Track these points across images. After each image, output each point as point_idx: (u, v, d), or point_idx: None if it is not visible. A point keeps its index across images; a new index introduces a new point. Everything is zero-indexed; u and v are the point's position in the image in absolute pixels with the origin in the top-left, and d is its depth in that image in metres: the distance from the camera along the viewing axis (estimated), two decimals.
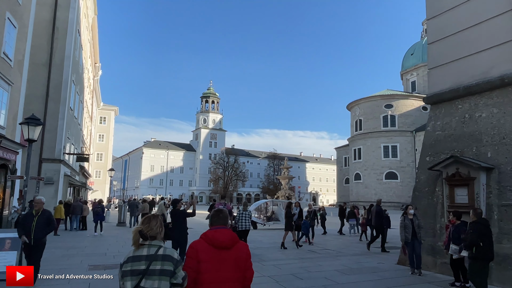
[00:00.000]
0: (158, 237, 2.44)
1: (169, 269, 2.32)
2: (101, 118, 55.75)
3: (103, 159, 55.23)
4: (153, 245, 2.39)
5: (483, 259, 5.16)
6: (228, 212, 9.68)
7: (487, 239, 5.19)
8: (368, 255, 9.80)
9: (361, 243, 12.86)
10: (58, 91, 18.63)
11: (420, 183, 8.07)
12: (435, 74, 8.29)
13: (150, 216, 2.55)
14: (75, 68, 21.23)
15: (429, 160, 7.98)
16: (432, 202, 7.69)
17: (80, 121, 25.63)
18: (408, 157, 62.26)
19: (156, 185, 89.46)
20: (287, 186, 48.25)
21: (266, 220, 18.99)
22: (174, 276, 2.33)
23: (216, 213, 2.71)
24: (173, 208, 7.10)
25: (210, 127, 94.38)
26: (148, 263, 2.31)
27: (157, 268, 2.30)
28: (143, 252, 2.36)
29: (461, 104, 7.67)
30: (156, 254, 2.35)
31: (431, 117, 8.36)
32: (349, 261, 8.80)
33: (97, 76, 40.43)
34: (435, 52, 8.33)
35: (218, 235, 2.51)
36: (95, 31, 30.96)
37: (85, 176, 34.66)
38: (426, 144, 8.25)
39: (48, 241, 12.01)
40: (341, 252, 10.42)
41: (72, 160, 22.36)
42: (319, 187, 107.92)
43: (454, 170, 7.05)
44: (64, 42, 19.11)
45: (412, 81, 75.36)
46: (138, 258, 2.34)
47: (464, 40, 7.62)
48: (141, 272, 2.28)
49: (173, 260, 2.36)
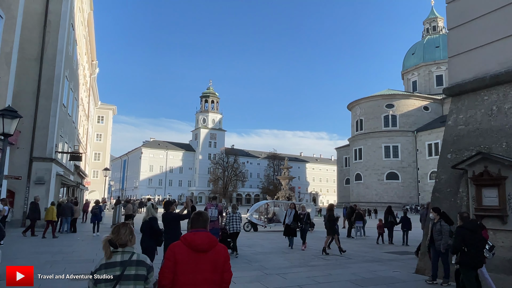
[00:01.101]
0: (128, 244, 2.48)
1: (143, 274, 2.40)
2: (99, 117, 54.86)
3: (101, 158, 54.24)
4: (126, 252, 2.45)
5: (468, 265, 5.02)
6: (218, 212, 8.81)
7: (472, 244, 4.99)
8: (381, 262, 8.99)
9: (371, 247, 12.05)
10: (50, 87, 17.81)
11: (441, 183, 7.28)
12: (456, 62, 7.50)
13: (119, 224, 2.56)
14: (69, 63, 20.42)
15: (451, 157, 7.18)
16: (455, 204, 6.90)
17: (74, 119, 24.81)
18: (409, 157, 61.56)
19: (155, 185, 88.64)
20: (287, 187, 47.51)
21: (267, 222, 18.19)
22: (147, 281, 2.41)
23: (196, 216, 2.73)
24: (165, 212, 6.31)
25: (209, 127, 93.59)
26: (123, 268, 2.36)
27: (132, 273, 2.37)
28: (116, 258, 2.40)
29: (488, 95, 6.89)
30: (131, 260, 2.41)
31: (452, 110, 7.57)
32: (361, 269, 7.99)
33: (94, 74, 39.60)
34: (456, 38, 7.54)
35: (196, 238, 2.54)
36: (91, 27, 30.13)
37: (81, 176, 33.82)
38: (447, 140, 7.45)
39: (36, 246, 11.30)
40: (351, 258, 9.60)
41: (65, 159, 21.54)
42: (319, 188, 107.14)
43: (482, 169, 6.26)
44: (56, 36, 18.28)
45: (413, 80, 74.68)
46: (112, 265, 2.37)
47: (491, 24, 6.84)
48: (116, 277, 2.33)
49: (146, 265, 2.44)
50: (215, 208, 9.44)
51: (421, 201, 59.30)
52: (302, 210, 11.91)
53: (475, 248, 4.99)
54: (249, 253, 10.21)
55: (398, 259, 9.49)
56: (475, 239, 5.05)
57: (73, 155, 18.97)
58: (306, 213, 11.78)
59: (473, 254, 4.96)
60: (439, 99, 64.65)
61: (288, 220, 11.67)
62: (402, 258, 9.77)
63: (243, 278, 7.04)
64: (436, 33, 73.95)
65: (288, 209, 12.11)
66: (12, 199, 16.98)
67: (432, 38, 73.07)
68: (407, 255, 10.39)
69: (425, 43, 73.33)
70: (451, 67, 7.66)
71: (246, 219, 18.69)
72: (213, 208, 9.35)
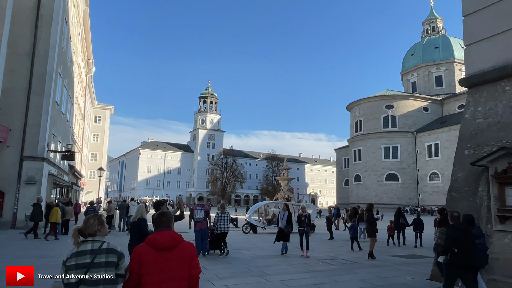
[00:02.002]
0: (98, 234, 2.56)
1: (114, 261, 2.46)
2: (96, 117, 54.20)
3: (98, 159, 53.51)
4: (96, 241, 2.52)
5: (457, 265, 4.92)
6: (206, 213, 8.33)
7: (462, 245, 4.87)
8: (390, 267, 8.37)
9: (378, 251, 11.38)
10: (41, 83, 17.17)
11: (458, 182, 6.69)
12: (473, 51, 6.94)
13: (89, 216, 2.65)
14: (62, 59, 19.79)
15: (469, 153, 6.61)
16: (474, 204, 6.32)
17: (69, 117, 24.16)
18: (409, 158, 61.11)
19: (153, 186, 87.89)
20: (286, 188, 46.98)
21: (266, 223, 17.57)
22: (118, 267, 2.47)
23: (158, 216, 2.80)
24: (156, 212, 5.67)
25: (208, 128, 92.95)
26: (93, 256, 2.43)
27: (102, 261, 2.43)
28: (87, 247, 2.47)
29: (509, 85, 6.32)
30: (101, 248, 2.48)
31: (469, 102, 7.00)
32: (370, 275, 7.39)
33: (91, 73, 38.96)
34: (473, 25, 6.98)
35: (159, 237, 2.59)
36: (87, 24, 29.53)
37: (76, 177, 33.14)
38: (464, 135, 6.88)
39: (22, 249, 10.64)
40: (357, 262, 8.98)
41: (59, 158, 20.90)
42: (318, 189, 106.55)
43: (506, 165, 5.69)
44: (49, 31, 17.66)
45: (413, 81, 74.31)
46: (82, 253, 2.44)
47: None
48: (86, 265, 2.40)
49: (116, 252, 2.50)
50: (201, 208, 9.43)
51: (421, 202, 58.78)
52: (302, 211, 10.47)
53: (466, 248, 4.88)
54: (249, 257, 9.61)
55: (408, 264, 8.88)
56: (466, 239, 4.93)
57: (66, 154, 18.30)
58: (307, 215, 10.37)
59: (464, 254, 4.85)
60: (439, 100, 64.28)
61: (281, 224, 10.38)
62: (412, 262, 9.15)
63: (243, 285, 6.46)
64: (435, 34, 73.65)
65: (281, 211, 10.76)
66: (1, 199, 16.36)
67: (432, 39, 72.77)
68: (417, 258, 9.80)
69: (424, 44, 73.01)
70: (467, 56, 7.10)
71: (245, 221, 18.07)
72: (200, 208, 9.40)
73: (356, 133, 68.39)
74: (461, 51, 70.17)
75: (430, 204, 55.18)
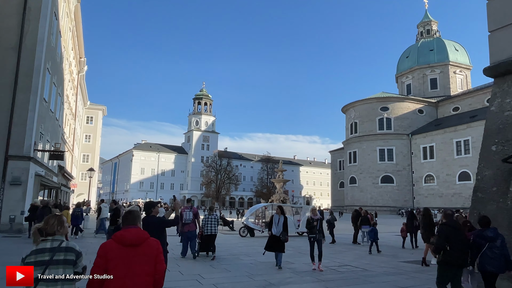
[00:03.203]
0: (57, 234, 2.66)
1: (72, 259, 2.59)
2: (88, 117, 52.99)
3: (90, 160, 52.26)
4: (56, 240, 2.63)
5: (448, 263, 4.83)
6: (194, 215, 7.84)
7: (455, 242, 4.81)
8: (406, 275, 7.67)
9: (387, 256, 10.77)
10: (28, 79, 16.28)
11: (484, 181, 6.07)
12: (499, 37, 6.34)
13: (50, 216, 2.76)
14: (51, 55, 18.92)
15: (497, 149, 5.99)
16: (503, 206, 5.69)
17: (58, 116, 23.21)
18: (404, 160, 60.89)
19: (147, 188, 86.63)
20: (281, 190, 46.40)
21: (264, 226, 16.83)
22: (76, 265, 2.60)
23: (126, 214, 2.94)
24: (146, 215, 4.82)
25: (202, 129, 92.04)
26: (52, 254, 2.54)
27: (61, 258, 2.55)
28: (46, 245, 2.59)
29: None
30: (60, 247, 2.60)
31: (495, 93, 6.39)
32: (386, 284, 6.70)
33: (83, 72, 37.93)
34: (498, 9, 6.39)
35: (127, 234, 2.67)
36: (79, 21, 28.61)
37: (66, 178, 32.07)
38: (491, 129, 6.26)
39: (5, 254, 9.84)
40: (368, 270, 8.26)
41: (47, 158, 19.95)
42: (313, 191, 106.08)
43: None
44: (37, 25, 16.79)
45: (408, 84, 74.31)
46: (41, 251, 2.55)
47: None
48: (45, 262, 2.50)
49: (75, 251, 2.64)
50: (190, 210, 9.40)
51: (416, 204, 58.52)
52: (313, 215, 8.64)
53: (458, 246, 4.80)
54: (249, 264, 8.88)
55: (423, 271, 8.16)
56: (459, 237, 4.88)
57: (54, 153, 17.39)
58: (319, 219, 8.57)
59: (456, 252, 4.78)
60: (434, 102, 64.31)
61: (275, 230, 8.49)
62: (426, 269, 8.41)
63: None
64: (430, 37, 73.85)
65: (275, 215, 8.80)
66: None
67: (426, 41, 72.94)
68: (433, 265, 9.14)
69: (419, 46, 73.15)
70: (492, 43, 6.50)
71: (242, 223, 17.33)
72: (188, 210, 9.42)
73: (351, 135, 68.08)
74: (456, 54, 70.36)
75: (426, 207, 54.98)
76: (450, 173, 53.01)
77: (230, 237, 16.39)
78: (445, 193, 53.85)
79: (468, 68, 71.16)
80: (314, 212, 8.79)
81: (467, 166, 50.58)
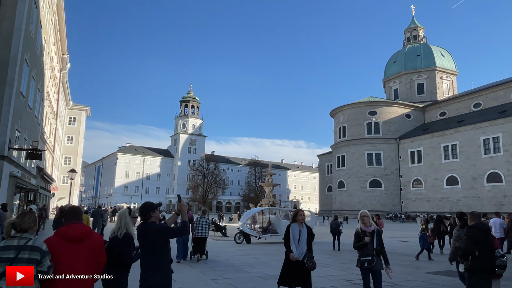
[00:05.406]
0: (30, 231, 2.62)
1: (36, 258, 2.53)
2: (71, 118, 50.91)
3: (72, 163, 50.10)
4: (23, 237, 2.58)
5: (480, 271, 4.33)
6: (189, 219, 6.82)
7: (483, 246, 4.40)
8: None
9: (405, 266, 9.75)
10: (4, 70, 14.83)
11: None
12: None
13: (25, 211, 2.77)
14: (30, 45, 17.50)
15: None
16: None
17: (37, 113, 21.65)
18: (392, 164, 60.99)
19: (131, 192, 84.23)
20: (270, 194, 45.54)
21: (261, 232, 15.80)
22: (40, 265, 2.54)
23: (68, 210, 2.94)
24: (142, 222, 3.54)
25: (189, 132, 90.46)
26: (17, 252, 2.50)
27: (25, 257, 2.51)
28: (13, 242, 2.55)
29: None
30: (26, 245, 2.54)
31: None
32: None
33: (65, 70, 36.19)
34: None
35: (71, 229, 2.71)
36: (61, 14, 27.13)
37: (46, 180, 30.24)
38: None
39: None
40: (398, 284, 7.19)
41: (23, 158, 18.43)
42: (301, 195, 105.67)
43: None
44: (14, 11, 15.40)
45: (395, 88, 74.90)
46: (7, 248, 2.53)
47: None
48: (10, 259, 2.48)
49: (41, 250, 2.56)
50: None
51: (404, 209, 58.57)
52: (364, 225, 5.14)
53: (487, 250, 4.41)
54: (256, 277, 7.76)
55: (456, 285, 7.04)
56: (488, 241, 4.48)
57: (31, 152, 15.96)
58: (377, 232, 5.13)
59: (485, 257, 4.35)
60: (421, 107, 64.86)
61: (296, 251, 4.97)
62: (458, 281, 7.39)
63: None
64: (417, 42, 74.78)
65: (293, 226, 5.14)
66: None
67: (413, 47, 73.79)
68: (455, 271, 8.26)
69: (406, 51, 73.94)
70: None
71: (238, 229, 16.21)
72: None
73: (339, 139, 67.89)
74: (442, 60, 71.37)
75: (413, 211, 54.97)
76: (437, 177, 53.22)
77: (224, 244, 15.26)
78: (433, 197, 53.99)
79: (454, 74, 72.25)
80: (366, 221, 5.15)
81: (455, 171, 50.86)
